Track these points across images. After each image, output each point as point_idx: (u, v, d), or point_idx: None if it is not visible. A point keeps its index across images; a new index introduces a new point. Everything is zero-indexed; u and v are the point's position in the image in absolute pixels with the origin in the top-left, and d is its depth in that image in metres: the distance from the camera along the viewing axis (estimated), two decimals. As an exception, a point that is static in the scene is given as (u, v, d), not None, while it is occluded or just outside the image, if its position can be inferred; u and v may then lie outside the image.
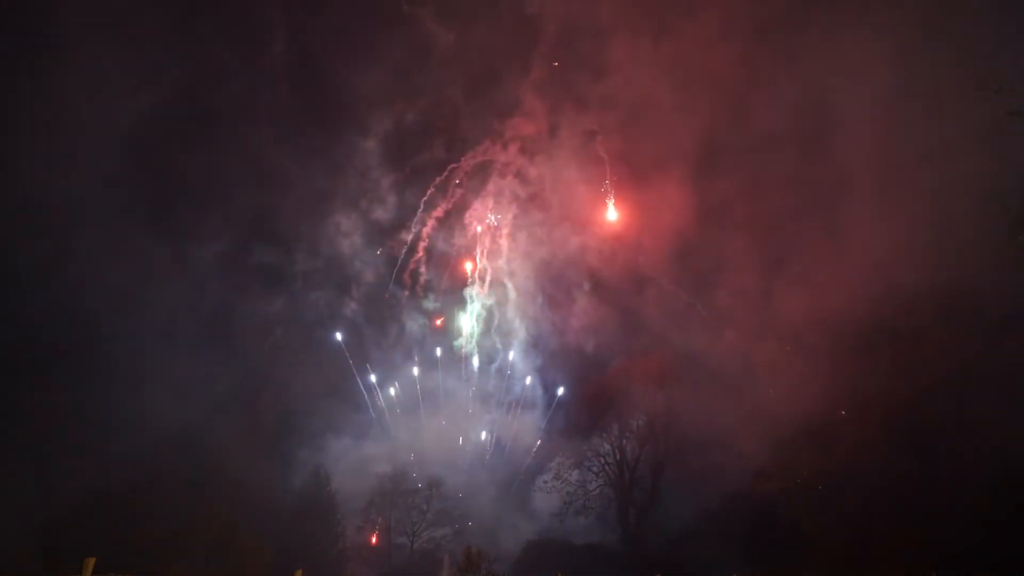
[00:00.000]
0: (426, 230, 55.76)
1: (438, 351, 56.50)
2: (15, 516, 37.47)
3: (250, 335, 51.64)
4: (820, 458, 43.25)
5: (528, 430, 55.08)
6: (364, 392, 54.67)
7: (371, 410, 54.65)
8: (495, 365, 56.43)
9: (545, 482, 50.09)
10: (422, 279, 56.16)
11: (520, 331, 56.23)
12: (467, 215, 56.30)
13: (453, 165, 55.03)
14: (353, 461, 50.88)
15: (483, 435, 55.33)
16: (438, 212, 55.62)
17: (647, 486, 49.30)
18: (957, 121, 37.97)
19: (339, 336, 54.89)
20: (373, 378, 55.20)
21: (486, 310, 56.23)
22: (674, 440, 49.44)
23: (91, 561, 16.18)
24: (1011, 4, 40.22)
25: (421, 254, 56.15)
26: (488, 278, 55.91)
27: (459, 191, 55.64)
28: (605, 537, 49.27)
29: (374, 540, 51.08)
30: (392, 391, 55.47)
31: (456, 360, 56.23)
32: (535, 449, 53.66)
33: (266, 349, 52.15)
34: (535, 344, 56.16)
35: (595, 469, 50.20)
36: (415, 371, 55.83)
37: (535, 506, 50.87)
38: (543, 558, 46.49)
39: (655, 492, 49.16)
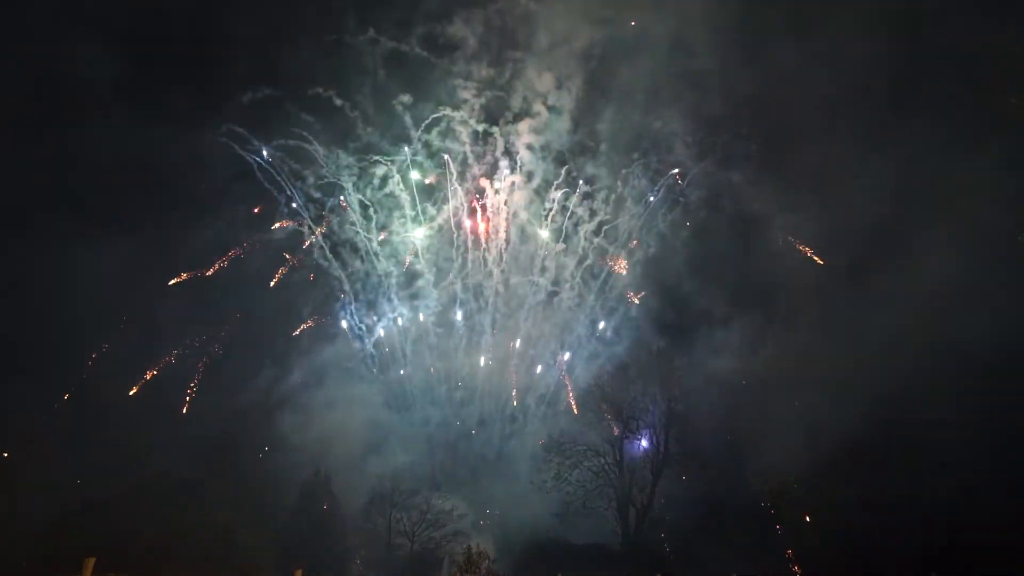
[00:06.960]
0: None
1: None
2: (15, 516, 37.50)
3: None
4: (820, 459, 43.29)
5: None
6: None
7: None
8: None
9: (544, 482, 49.94)
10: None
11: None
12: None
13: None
14: (354, 457, 50.86)
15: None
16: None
17: (647, 486, 49.19)
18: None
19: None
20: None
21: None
22: (676, 441, 49.49)
23: (91, 561, 16.22)
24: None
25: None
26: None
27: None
28: (605, 537, 49.09)
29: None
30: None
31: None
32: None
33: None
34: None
35: (595, 469, 50.09)
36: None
37: (535, 506, 50.69)
38: (543, 558, 46.44)
39: (655, 492, 49.05)
